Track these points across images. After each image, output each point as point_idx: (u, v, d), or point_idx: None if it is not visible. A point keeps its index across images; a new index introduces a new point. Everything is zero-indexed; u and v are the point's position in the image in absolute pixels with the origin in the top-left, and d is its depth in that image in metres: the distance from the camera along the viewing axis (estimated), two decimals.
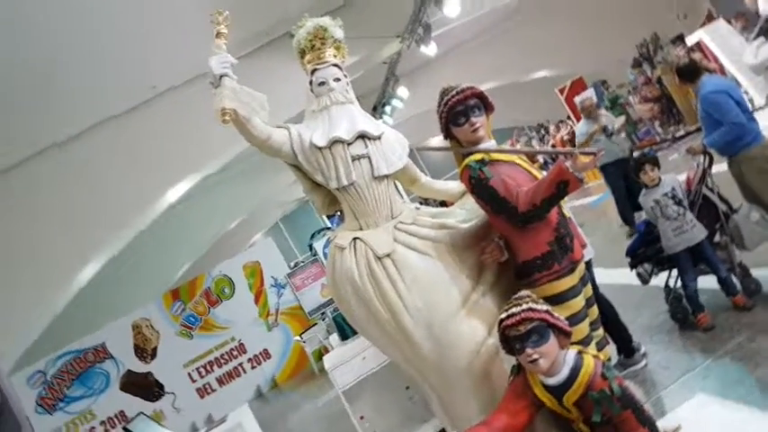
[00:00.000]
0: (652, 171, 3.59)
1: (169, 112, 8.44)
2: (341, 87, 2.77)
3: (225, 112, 2.38)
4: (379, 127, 2.79)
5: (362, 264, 2.52)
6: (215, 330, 10.14)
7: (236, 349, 10.18)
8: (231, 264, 10.43)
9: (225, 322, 10.16)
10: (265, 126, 2.63)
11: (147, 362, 9.96)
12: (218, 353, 10.12)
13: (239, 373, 10.20)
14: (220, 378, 10.14)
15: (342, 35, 2.82)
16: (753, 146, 3.56)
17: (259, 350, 10.22)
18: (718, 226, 3.60)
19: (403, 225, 2.62)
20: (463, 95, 2.36)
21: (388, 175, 2.68)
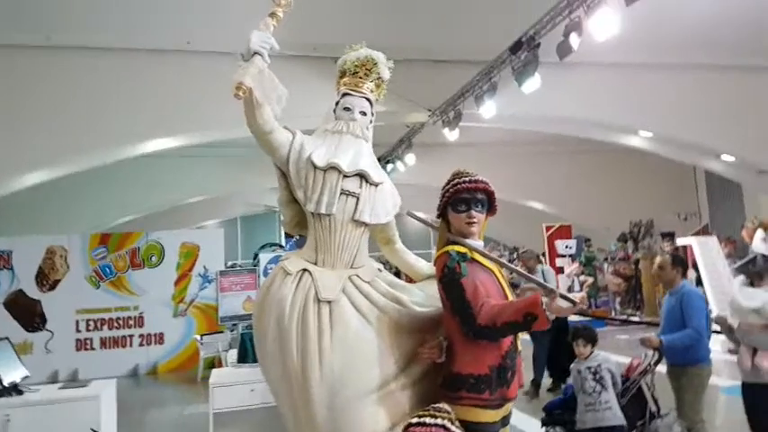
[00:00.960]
0: (584, 347, 3.68)
1: (190, 71, 8.30)
2: (363, 122, 2.65)
3: (241, 86, 2.23)
4: (381, 175, 2.64)
5: (300, 298, 2.32)
6: (123, 292, 9.65)
7: (134, 320, 9.67)
8: (171, 236, 10.04)
9: (137, 289, 9.69)
10: (273, 119, 2.48)
11: (43, 291, 9.40)
12: (116, 315, 9.60)
13: (126, 344, 9.66)
14: (105, 340, 9.58)
15: (387, 76, 2.72)
16: (701, 364, 3.65)
17: (155, 331, 9.72)
18: (640, 423, 3.55)
19: (358, 279, 2.44)
20: (474, 185, 2.28)
21: (367, 224, 2.52)
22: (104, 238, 9.72)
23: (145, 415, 6.95)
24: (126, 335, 9.65)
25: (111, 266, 9.63)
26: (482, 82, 7.73)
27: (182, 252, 9.82)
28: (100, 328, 9.56)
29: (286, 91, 2.45)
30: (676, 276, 3.84)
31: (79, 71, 8.16)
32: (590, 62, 8.64)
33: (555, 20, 5.88)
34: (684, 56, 9.15)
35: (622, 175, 14.59)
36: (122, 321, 9.63)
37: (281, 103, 2.45)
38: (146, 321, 9.68)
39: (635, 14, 5.36)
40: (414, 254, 2.93)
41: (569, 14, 5.60)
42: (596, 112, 9.43)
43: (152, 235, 9.88)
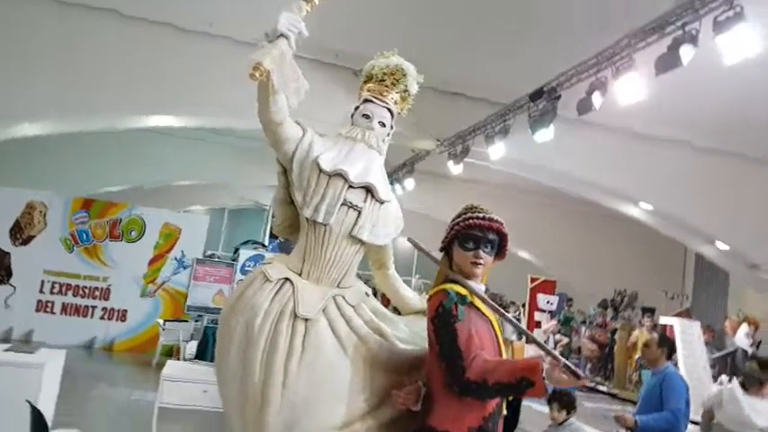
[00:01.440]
0: (559, 412, 3.61)
1: (207, 54, 8.18)
2: (380, 133, 2.47)
3: (259, 68, 1.99)
4: (388, 193, 2.45)
5: (275, 309, 2.13)
6: (96, 261, 9.41)
7: (100, 291, 9.43)
8: (156, 214, 9.85)
9: (110, 261, 9.46)
10: (286, 110, 2.28)
11: (15, 244, 9.15)
12: (83, 283, 9.35)
13: (87, 314, 9.40)
14: (66, 306, 9.32)
15: (414, 90, 2.55)
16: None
17: (120, 307, 9.48)
18: None
19: (342, 301, 2.25)
20: (488, 223, 2.09)
21: (364, 243, 2.34)
22: (87, 203, 9.51)
23: (90, 392, 6.70)
24: (89, 305, 9.39)
25: (89, 233, 9.40)
26: (496, 122, 7.67)
27: (163, 232, 9.62)
28: (64, 293, 9.31)
29: (307, 84, 2.25)
30: (661, 356, 3.75)
31: (98, 32, 8.01)
32: (603, 124, 8.61)
33: (580, 75, 5.83)
34: (698, 137, 9.15)
35: (614, 242, 14.53)
36: (88, 291, 9.38)
37: (298, 95, 2.24)
38: (112, 295, 9.44)
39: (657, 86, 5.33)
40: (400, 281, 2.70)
41: (596, 73, 5.56)
42: (600, 175, 9.39)
43: (136, 209, 9.69)
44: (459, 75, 8.38)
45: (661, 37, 4.77)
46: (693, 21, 4.57)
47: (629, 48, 5.09)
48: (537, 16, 6.22)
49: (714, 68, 6.40)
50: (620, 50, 5.16)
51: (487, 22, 6.74)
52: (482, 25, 6.85)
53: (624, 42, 5.10)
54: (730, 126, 8.54)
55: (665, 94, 6.47)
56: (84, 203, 9.49)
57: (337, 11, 4.89)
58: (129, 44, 8.03)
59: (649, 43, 4.94)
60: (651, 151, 9.15)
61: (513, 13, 6.29)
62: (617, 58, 5.24)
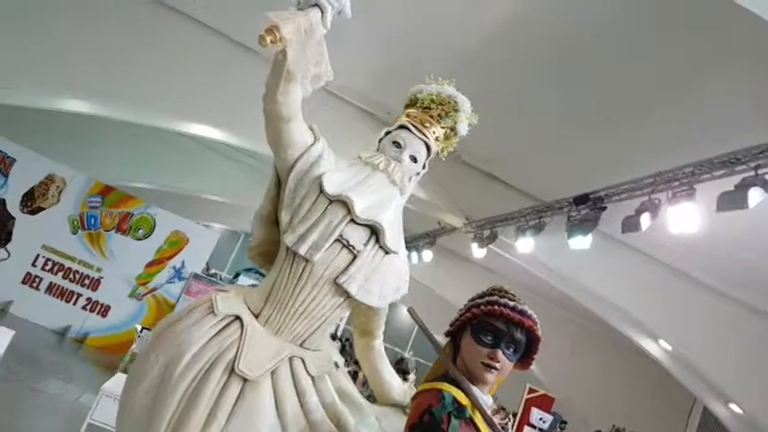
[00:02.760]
0: None
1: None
2: (409, 170, 2.00)
3: (274, 31, 1.51)
4: (398, 244, 1.96)
5: (210, 353, 1.65)
6: (95, 249, 9.16)
7: (90, 281, 9.13)
8: (168, 218, 9.62)
9: (109, 253, 9.20)
10: (299, 104, 1.82)
11: (24, 211, 8.99)
12: (76, 267, 9.07)
13: (70, 299, 9.08)
14: (53, 286, 9.02)
15: (464, 132, 2.12)
16: None
17: (105, 301, 9.14)
18: None
19: (300, 367, 1.76)
20: (518, 317, 1.58)
21: (349, 297, 1.83)
22: (106, 190, 9.36)
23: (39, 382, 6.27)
24: (75, 291, 9.09)
25: (98, 219, 9.20)
26: (531, 216, 7.34)
27: (170, 238, 9.37)
28: (55, 272, 9.03)
29: (332, 74, 1.81)
30: None
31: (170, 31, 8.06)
32: (641, 250, 8.26)
33: (633, 192, 5.50)
34: (736, 289, 8.69)
35: (622, 374, 13.83)
36: (78, 276, 9.09)
37: (317, 83, 1.82)
38: (100, 288, 9.13)
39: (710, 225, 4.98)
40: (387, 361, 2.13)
41: (651, 193, 5.22)
42: (628, 302, 8.90)
43: (151, 208, 9.48)
44: (503, 160, 8.15)
45: (730, 174, 4.44)
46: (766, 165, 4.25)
47: (692, 177, 4.76)
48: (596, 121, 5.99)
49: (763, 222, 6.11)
50: (681, 177, 4.84)
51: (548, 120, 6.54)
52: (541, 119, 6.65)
53: (688, 170, 4.77)
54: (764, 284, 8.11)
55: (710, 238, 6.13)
56: (102, 189, 9.34)
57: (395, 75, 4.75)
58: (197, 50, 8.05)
59: (715, 177, 4.60)
60: (684, 291, 8.69)
61: (574, 113, 6.08)
62: (676, 183, 4.91)
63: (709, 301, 8.81)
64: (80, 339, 9.02)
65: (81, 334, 9.03)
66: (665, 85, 4.82)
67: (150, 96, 8.19)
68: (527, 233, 7.34)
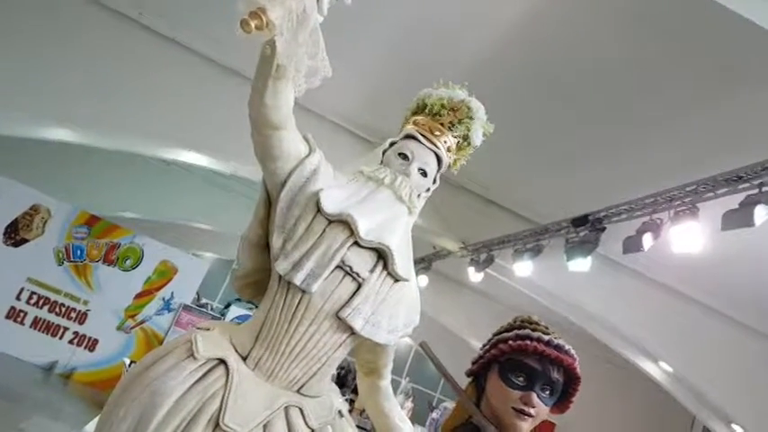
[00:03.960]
0: None
1: None
2: (418, 184, 1.75)
3: (260, 15, 1.23)
4: (409, 271, 1.73)
5: (189, 405, 1.41)
6: (81, 281, 8.91)
7: (77, 314, 8.85)
8: (156, 247, 9.38)
9: (96, 284, 8.94)
10: (290, 109, 1.56)
11: (7, 244, 8.73)
12: (62, 300, 8.81)
13: (56, 333, 8.79)
14: (38, 320, 8.74)
15: (478, 143, 1.88)
16: None
17: (92, 335, 8.86)
18: None
19: (298, 418, 1.52)
20: (556, 355, 1.35)
21: (354, 334, 1.59)
22: (92, 220, 9.12)
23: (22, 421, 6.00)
24: (62, 325, 8.80)
25: (84, 250, 8.96)
26: (528, 239, 7.23)
27: (159, 268, 9.12)
28: (41, 306, 8.76)
29: (329, 69, 1.49)
30: None
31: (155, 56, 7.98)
32: (640, 272, 8.19)
33: (633, 212, 5.40)
34: (737, 313, 8.64)
35: (619, 394, 13.68)
36: (65, 310, 8.82)
37: (312, 79, 1.49)
38: (87, 321, 8.85)
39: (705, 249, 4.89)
40: (395, 402, 1.89)
41: (652, 213, 5.13)
42: (625, 323, 8.79)
43: (139, 238, 9.26)
44: (500, 183, 8.08)
45: (734, 192, 4.35)
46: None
47: (695, 195, 4.68)
48: (597, 145, 5.93)
49: None
50: (684, 195, 4.75)
51: (544, 141, 6.49)
52: (536, 142, 6.59)
53: (690, 188, 4.69)
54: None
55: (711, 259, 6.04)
56: (88, 219, 9.11)
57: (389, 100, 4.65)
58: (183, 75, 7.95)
59: (718, 195, 4.52)
60: (685, 313, 8.61)
61: (573, 138, 6.02)
62: (678, 203, 4.82)
63: (710, 323, 8.74)
64: (67, 375, 8.72)
65: (68, 369, 8.73)
66: (665, 106, 4.77)
67: (135, 124, 8.06)
68: (525, 256, 7.23)
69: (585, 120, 5.58)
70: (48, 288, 8.79)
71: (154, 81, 7.89)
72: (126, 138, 8.59)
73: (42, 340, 8.71)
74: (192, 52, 7.79)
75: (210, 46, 7.61)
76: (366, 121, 7.45)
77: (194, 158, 8.85)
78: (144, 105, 7.87)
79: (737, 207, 4.22)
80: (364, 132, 7.64)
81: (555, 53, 4.75)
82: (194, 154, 8.71)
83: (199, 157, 8.79)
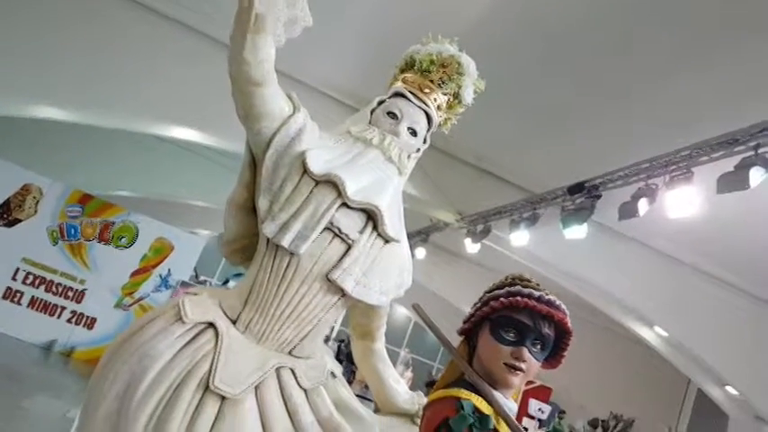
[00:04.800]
0: None
1: None
2: (408, 145, 1.70)
3: None
4: (399, 231, 1.68)
5: (178, 369, 1.39)
6: (77, 260, 8.88)
7: (74, 293, 8.84)
8: (151, 224, 9.33)
9: (92, 263, 8.92)
10: (271, 64, 1.52)
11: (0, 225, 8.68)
12: (59, 280, 8.79)
13: (54, 313, 8.79)
14: (35, 300, 8.73)
15: (469, 100, 1.83)
16: None
17: (91, 314, 8.87)
18: None
19: (290, 379, 1.50)
20: (547, 310, 1.35)
21: (345, 296, 1.58)
22: (84, 199, 9.05)
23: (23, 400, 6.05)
24: (59, 304, 8.80)
25: (78, 229, 8.91)
26: (525, 209, 7.22)
27: (154, 245, 9.09)
28: (37, 285, 8.74)
29: (309, 18, 1.47)
30: None
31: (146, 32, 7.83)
32: (633, 237, 8.22)
33: (629, 178, 5.39)
34: (730, 276, 8.70)
35: (617, 361, 13.87)
36: (62, 289, 8.81)
37: (291, 28, 1.48)
38: (85, 300, 8.85)
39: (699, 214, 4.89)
40: (392, 369, 1.88)
41: (647, 178, 5.11)
42: (621, 290, 8.85)
43: (133, 216, 9.20)
44: (495, 153, 8.03)
45: (729, 155, 4.33)
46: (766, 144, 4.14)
47: (690, 160, 4.65)
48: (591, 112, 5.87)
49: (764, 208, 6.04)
50: (679, 160, 4.73)
51: (538, 109, 6.42)
52: (531, 110, 6.53)
53: (685, 153, 4.67)
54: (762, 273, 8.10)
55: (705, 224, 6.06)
56: (81, 198, 9.04)
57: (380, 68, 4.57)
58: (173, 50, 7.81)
59: (713, 159, 4.50)
60: (680, 278, 8.67)
61: (566, 104, 5.96)
62: (673, 167, 4.80)
63: (704, 287, 8.80)
64: (67, 353, 8.76)
65: (67, 347, 8.77)
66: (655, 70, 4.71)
67: (127, 101, 7.96)
68: (521, 226, 7.22)
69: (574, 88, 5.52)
70: (43, 268, 8.77)
71: (145, 57, 7.76)
72: (117, 115, 8.48)
73: (40, 320, 8.72)
74: (183, 27, 7.65)
75: (201, 20, 7.47)
76: (362, 92, 7.35)
77: (187, 134, 8.77)
78: (135, 82, 7.76)
79: (732, 170, 4.20)
80: (360, 105, 7.54)
81: (541, 23, 4.69)
82: (187, 130, 8.62)
83: (192, 133, 8.70)
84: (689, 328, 8.96)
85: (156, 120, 8.53)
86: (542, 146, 7.06)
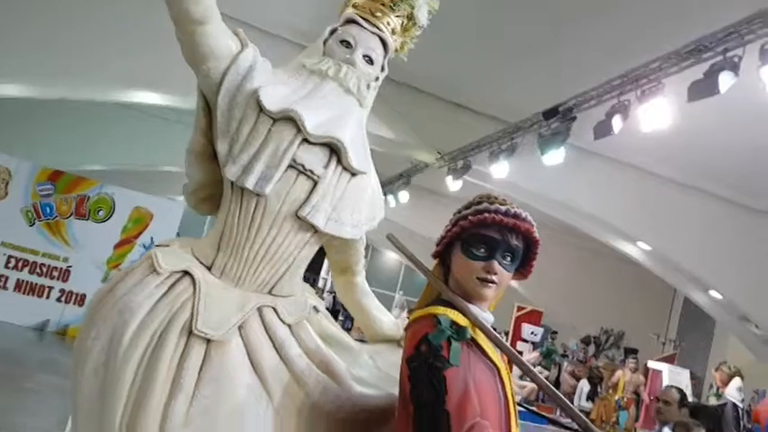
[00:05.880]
0: None
1: None
2: (365, 73, 1.64)
3: None
4: (365, 162, 1.64)
5: (159, 319, 1.38)
6: (57, 239, 8.75)
7: (59, 272, 8.75)
8: (127, 194, 9.16)
9: (73, 240, 8.79)
10: (214, 1, 1.47)
11: None
12: (42, 260, 8.67)
13: (42, 293, 8.72)
14: (21, 283, 8.63)
15: (425, 22, 1.77)
16: None
17: (79, 290, 8.80)
18: None
19: (273, 317, 1.49)
20: (513, 221, 1.38)
21: (317, 232, 1.56)
22: (55, 176, 8.84)
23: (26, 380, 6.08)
24: (46, 285, 8.72)
25: (53, 207, 8.74)
26: (503, 139, 7.19)
27: (133, 216, 8.96)
28: (20, 268, 8.63)
29: None
30: (675, 415, 3.53)
31: None
32: (613, 158, 8.27)
33: (601, 97, 5.36)
34: (707, 184, 8.82)
35: (603, 279, 14.20)
36: (46, 269, 8.71)
37: None
38: (71, 277, 8.76)
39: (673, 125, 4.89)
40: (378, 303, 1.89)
41: (619, 95, 5.09)
42: (605, 210, 8.97)
43: (107, 187, 9.02)
44: (469, 87, 7.91)
45: (698, 62, 4.31)
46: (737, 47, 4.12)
47: (660, 71, 4.63)
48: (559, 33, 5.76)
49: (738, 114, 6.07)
50: (649, 73, 4.70)
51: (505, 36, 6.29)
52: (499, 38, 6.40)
53: (655, 65, 4.63)
54: (742, 176, 8.21)
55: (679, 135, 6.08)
56: (51, 175, 8.83)
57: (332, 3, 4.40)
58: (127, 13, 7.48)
59: (683, 68, 4.48)
60: (659, 192, 8.79)
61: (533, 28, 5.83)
62: (644, 81, 4.78)
63: (682, 198, 8.94)
64: (61, 332, 8.75)
65: (61, 326, 8.76)
66: None
67: (85, 70, 7.69)
68: (500, 157, 7.22)
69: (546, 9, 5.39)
70: (24, 250, 8.65)
71: (99, 22, 7.44)
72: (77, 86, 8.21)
73: (29, 302, 8.65)
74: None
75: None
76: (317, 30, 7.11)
77: (151, 98, 8.52)
78: (91, 49, 7.47)
79: (702, 77, 4.19)
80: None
81: None
82: (150, 93, 8.37)
83: (155, 96, 8.46)
84: (670, 239, 9.16)
85: (117, 87, 8.26)
86: (515, 75, 6.96)
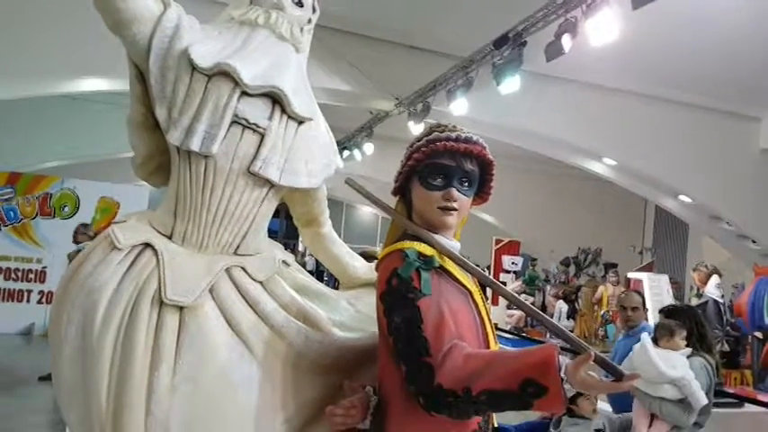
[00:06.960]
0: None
1: None
2: (296, 17, 1.60)
3: None
4: (311, 109, 1.61)
5: (127, 293, 1.37)
6: (27, 241, 8.59)
7: (35, 274, 8.63)
8: (90, 186, 8.97)
9: (43, 240, 8.64)
10: None
11: None
12: (15, 265, 8.54)
13: (21, 298, 8.62)
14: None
15: None
16: None
17: None
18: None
19: (242, 275, 1.48)
20: (465, 147, 1.37)
21: (274, 186, 1.54)
22: (13, 178, 8.61)
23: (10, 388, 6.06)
24: (24, 289, 8.62)
25: (17, 210, 8.55)
26: (458, 75, 7.15)
27: (99, 207, 8.81)
28: None
29: None
30: (642, 318, 3.75)
31: None
32: (569, 78, 8.26)
33: (548, 18, 5.34)
34: (665, 91, 8.91)
35: (572, 200, 14.43)
36: (22, 273, 8.59)
37: None
38: (48, 277, 8.65)
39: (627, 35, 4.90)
40: (349, 247, 1.91)
41: (565, 13, 5.08)
42: (566, 131, 9.04)
43: (68, 182, 8.82)
44: (419, 28, 7.78)
45: None
46: None
47: None
48: None
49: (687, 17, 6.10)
50: None
51: None
52: None
53: None
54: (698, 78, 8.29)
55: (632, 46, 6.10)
56: (8, 178, 8.60)
57: None
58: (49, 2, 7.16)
59: None
60: (618, 106, 8.87)
61: None
62: None
63: (641, 108, 9.04)
64: (47, 334, 8.70)
65: (47, 328, 8.68)
66: None
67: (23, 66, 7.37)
68: (457, 94, 7.19)
69: None
70: None
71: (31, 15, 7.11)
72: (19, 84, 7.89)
73: (10, 309, 8.56)
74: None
75: None
76: None
77: (97, 85, 8.25)
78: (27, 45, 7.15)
79: None
80: None
81: None
82: (96, 80, 8.09)
83: (101, 83, 8.20)
84: (634, 151, 9.31)
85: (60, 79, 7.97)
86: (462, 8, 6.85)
